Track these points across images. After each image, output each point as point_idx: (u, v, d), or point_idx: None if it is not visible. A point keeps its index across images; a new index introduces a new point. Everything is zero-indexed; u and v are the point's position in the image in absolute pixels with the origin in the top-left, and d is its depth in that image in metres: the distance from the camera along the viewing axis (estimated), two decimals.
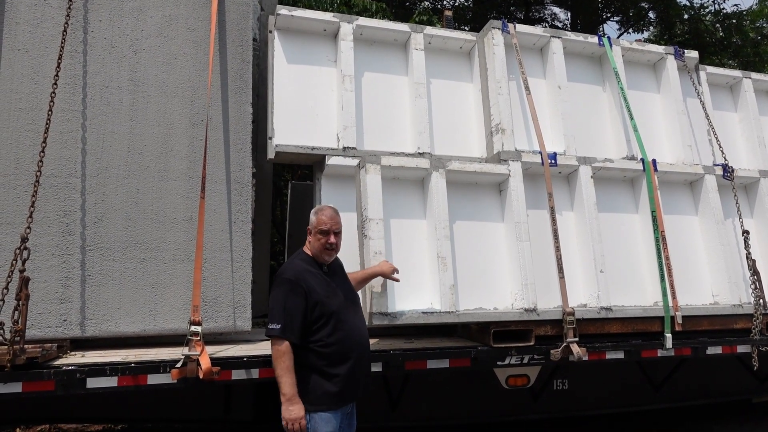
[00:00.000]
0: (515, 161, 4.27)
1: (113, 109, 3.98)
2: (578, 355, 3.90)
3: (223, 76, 4.27)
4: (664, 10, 11.75)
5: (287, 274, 2.88)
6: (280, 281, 2.85)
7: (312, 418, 2.74)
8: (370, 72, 4.80)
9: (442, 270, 3.85)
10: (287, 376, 2.70)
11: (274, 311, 2.79)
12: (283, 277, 2.86)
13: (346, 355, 2.84)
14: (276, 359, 2.74)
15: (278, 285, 2.85)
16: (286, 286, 2.82)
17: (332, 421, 2.77)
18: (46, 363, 3.22)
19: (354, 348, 2.90)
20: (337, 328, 2.84)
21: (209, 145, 4.03)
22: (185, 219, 3.98)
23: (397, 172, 4.03)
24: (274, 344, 2.77)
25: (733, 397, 5.51)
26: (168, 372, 3.26)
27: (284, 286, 2.82)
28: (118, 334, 3.72)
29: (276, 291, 2.83)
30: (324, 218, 3.04)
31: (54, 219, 3.73)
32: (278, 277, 2.89)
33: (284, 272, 2.90)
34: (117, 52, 4.06)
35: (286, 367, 2.70)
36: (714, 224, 4.72)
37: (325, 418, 2.73)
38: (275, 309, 2.79)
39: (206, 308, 3.86)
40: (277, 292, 2.82)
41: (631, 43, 5.25)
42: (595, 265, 4.25)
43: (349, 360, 2.85)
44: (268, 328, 2.78)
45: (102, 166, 3.89)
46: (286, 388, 2.70)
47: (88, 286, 3.70)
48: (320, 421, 2.73)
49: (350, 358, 2.86)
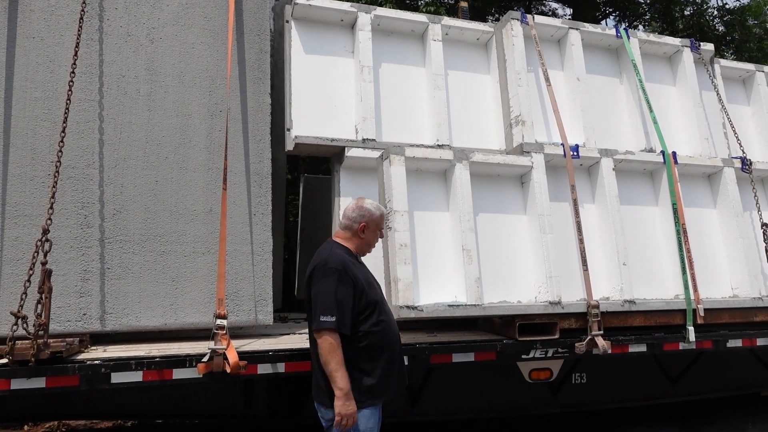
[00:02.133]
0: (538, 153, 4.22)
1: (130, 98, 3.90)
2: (603, 349, 3.87)
3: (240, 66, 4.19)
4: (665, 6, 11.77)
5: (333, 263, 2.73)
6: (326, 271, 2.70)
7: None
8: (387, 63, 4.75)
9: (467, 262, 3.81)
10: (342, 369, 2.59)
11: (325, 303, 2.62)
12: (330, 267, 2.71)
13: (386, 346, 2.77)
14: (330, 353, 2.59)
15: (325, 275, 2.69)
16: (335, 276, 2.66)
17: (374, 416, 2.70)
18: (70, 357, 3.15)
19: (394, 338, 2.84)
20: (380, 318, 2.77)
21: (228, 136, 3.95)
22: (205, 211, 3.91)
23: (420, 163, 3.98)
24: (327, 337, 2.60)
25: (748, 390, 5.51)
26: (194, 366, 3.19)
27: (332, 276, 2.67)
28: (138, 329, 3.64)
29: (324, 282, 2.67)
30: (383, 214, 3.01)
31: (72, 211, 3.64)
32: (323, 267, 2.72)
33: (329, 262, 2.74)
34: (133, 40, 3.98)
35: (340, 360, 2.59)
36: (733, 217, 4.70)
37: (367, 414, 2.66)
38: (326, 300, 2.62)
39: (227, 302, 3.78)
40: (326, 282, 2.67)
41: (648, 35, 5.22)
42: (618, 258, 4.21)
43: (388, 350, 2.77)
44: (320, 321, 2.60)
45: (120, 157, 3.81)
46: (342, 382, 2.57)
47: (107, 279, 3.63)
48: (362, 418, 2.65)
49: (391, 348, 2.79)
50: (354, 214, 2.91)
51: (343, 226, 2.94)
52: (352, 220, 2.91)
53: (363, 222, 2.90)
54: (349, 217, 2.92)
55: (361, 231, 2.91)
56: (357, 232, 2.91)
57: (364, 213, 2.92)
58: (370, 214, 2.93)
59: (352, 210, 2.93)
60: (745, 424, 5.55)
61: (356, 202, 2.97)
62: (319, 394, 2.73)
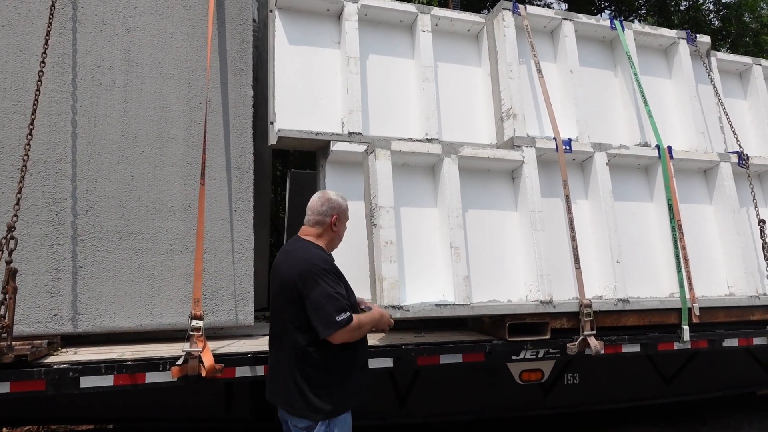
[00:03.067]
0: (529, 147, 4.09)
1: (105, 90, 3.74)
2: (596, 349, 3.75)
3: (222, 57, 4.04)
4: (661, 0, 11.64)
5: (320, 263, 2.58)
6: (318, 270, 2.53)
7: (332, 423, 2.51)
8: (375, 54, 4.60)
9: (455, 260, 3.67)
10: (368, 318, 2.69)
11: (334, 303, 2.48)
12: (323, 267, 2.55)
13: (359, 350, 2.68)
14: (358, 329, 2.56)
15: (319, 275, 2.52)
16: (330, 277, 2.56)
17: (348, 421, 2.59)
18: (36, 361, 3.00)
19: (366, 342, 2.78)
20: None
21: (208, 129, 3.81)
22: (183, 207, 3.76)
23: (407, 158, 3.84)
24: (344, 329, 2.48)
25: (743, 389, 5.41)
26: (168, 370, 3.05)
27: (328, 276, 2.54)
28: (112, 330, 3.49)
29: (322, 283, 2.51)
30: (347, 205, 2.90)
31: (43, 207, 3.49)
32: (315, 269, 2.54)
33: (317, 262, 2.58)
34: (109, 29, 3.82)
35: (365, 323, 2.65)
36: (729, 213, 4.58)
37: (343, 419, 2.55)
38: (330, 300, 2.48)
39: (206, 302, 3.65)
40: (324, 283, 2.51)
41: (643, 27, 5.09)
42: (612, 255, 4.09)
43: (361, 355, 2.70)
44: (336, 322, 2.44)
45: (94, 150, 3.65)
46: (370, 316, 2.72)
47: (79, 278, 3.47)
48: (340, 424, 2.53)
49: (363, 352, 2.73)
50: (324, 208, 2.78)
51: (314, 222, 2.78)
52: (323, 214, 2.77)
53: (334, 214, 2.78)
54: (319, 212, 2.77)
55: (334, 224, 2.79)
56: (330, 226, 2.78)
57: (333, 205, 2.80)
58: (339, 205, 2.82)
59: (321, 204, 2.79)
60: (740, 423, 5.46)
61: (321, 195, 2.84)
62: (292, 404, 2.55)
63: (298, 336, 2.54)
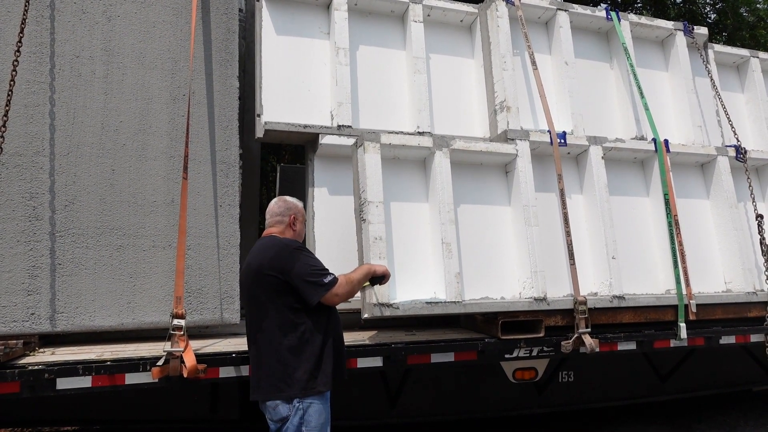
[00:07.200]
0: (523, 140, 3.99)
1: (85, 81, 3.61)
2: (591, 347, 3.66)
3: (206, 47, 3.92)
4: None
5: (292, 243, 2.76)
6: (293, 248, 2.70)
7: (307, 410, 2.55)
8: (365, 45, 4.47)
9: (446, 257, 3.57)
10: (358, 273, 2.90)
11: (314, 269, 2.66)
12: (294, 246, 2.73)
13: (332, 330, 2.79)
14: (347, 286, 2.75)
15: (296, 251, 2.70)
16: (305, 251, 2.75)
17: (325, 410, 2.62)
18: (10, 362, 2.88)
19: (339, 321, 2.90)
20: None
21: (192, 121, 3.70)
22: (166, 202, 3.64)
23: (397, 151, 3.73)
24: (336, 287, 2.67)
25: (739, 387, 5.35)
26: (148, 370, 2.94)
27: (303, 251, 2.73)
28: (92, 329, 3.38)
29: (302, 257, 2.67)
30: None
31: (19, 202, 3.36)
32: (287, 247, 2.71)
33: (287, 243, 2.76)
34: (89, 18, 3.69)
35: (354, 278, 2.84)
36: (727, 208, 4.50)
37: (318, 409, 2.59)
38: (314, 266, 2.67)
39: (190, 300, 3.55)
40: (302, 256, 2.68)
41: (639, 18, 4.98)
42: (607, 252, 4.00)
43: (337, 333, 2.83)
44: (325, 284, 2.63)
45: (73, 143, 3.52)
46: (358, 270, 2.94)
47: (58, 276, 3.35)
48: (314, 414, 2.56)
49: (338, 331, 2.85)
50: (281, 209, 2.92)
51: (274, 222, 2.90)
52: (282, 214, 2.91)
53: (291, 214, 2.92)
54: (276, 213, 2.91)
55: (293, 223, 2.92)
56: (289, 225, 2.90)
57: (290, 206, 2.94)
58: (296, 206, 2.97)
59: (278, 206, 2.93)
60: (736, 421, 5.39)
61: (278, 199, 2.99)
62: (273, 391, 2.57)
63: (275, 318, 2.61)
